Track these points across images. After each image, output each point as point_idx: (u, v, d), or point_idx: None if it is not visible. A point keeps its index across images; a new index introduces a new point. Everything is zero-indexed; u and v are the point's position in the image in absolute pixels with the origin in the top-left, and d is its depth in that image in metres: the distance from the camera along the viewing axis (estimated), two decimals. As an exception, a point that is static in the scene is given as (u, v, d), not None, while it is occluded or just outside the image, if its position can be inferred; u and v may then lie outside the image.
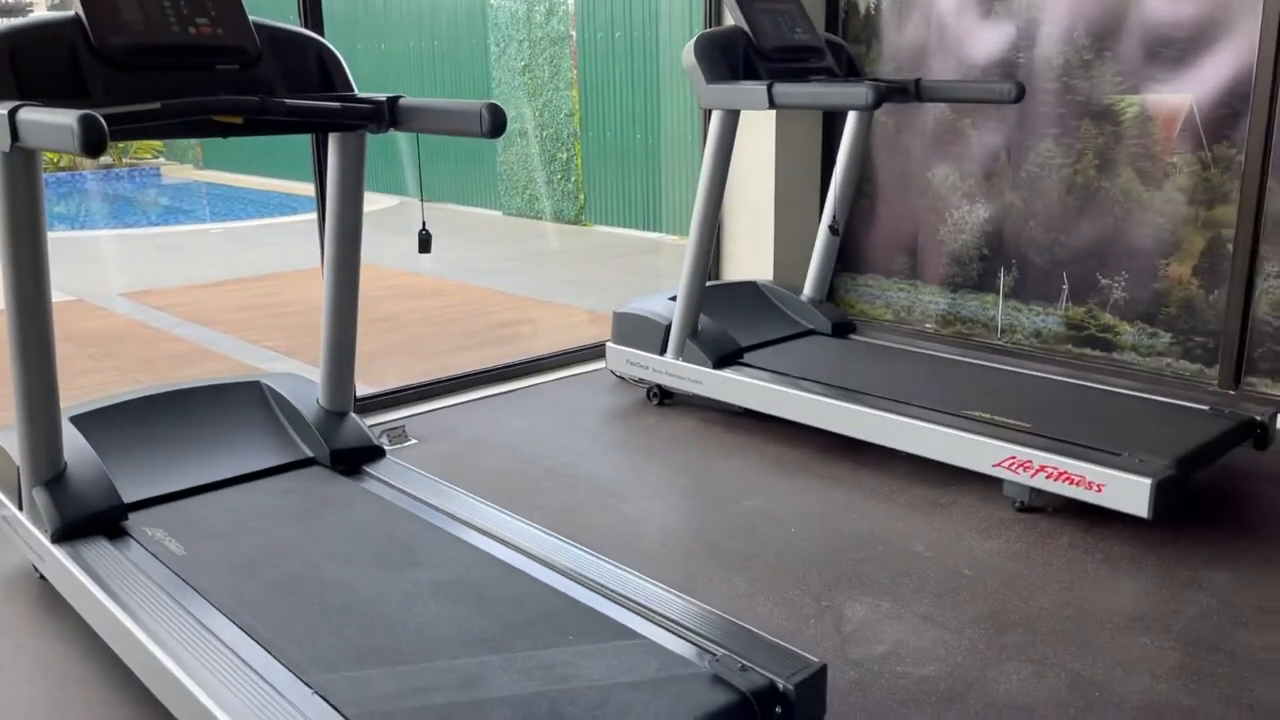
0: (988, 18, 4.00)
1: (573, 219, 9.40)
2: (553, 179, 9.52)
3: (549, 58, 9.26)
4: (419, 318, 5.82)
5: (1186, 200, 3.62)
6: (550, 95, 9.34)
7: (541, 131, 9.48)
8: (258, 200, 11.58)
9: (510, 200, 9.94)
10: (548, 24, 9.18)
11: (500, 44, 9.61)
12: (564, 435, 3.48)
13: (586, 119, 9.05)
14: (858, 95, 2.94)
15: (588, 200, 9.26)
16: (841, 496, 2.98)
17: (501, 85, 9.71)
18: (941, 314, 4.39)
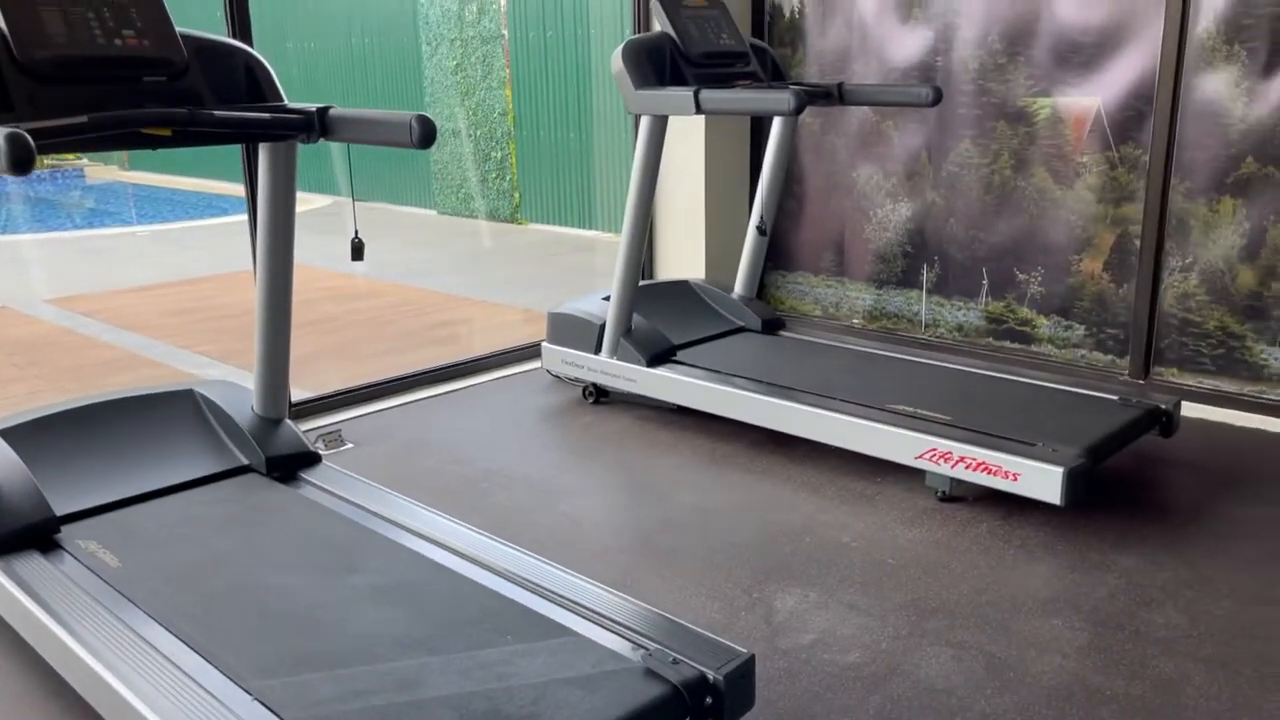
0: (907, 23, 4.13)
1: (508, 217, 9.41)
2: (487, 178, 9.52)
3: (481, 57, 9.25)
4: (355, 319, 5.80)
5: (1096, 199, 3.78)
6: (483, 94, 9.33)
7: (475, 130, 9.47)
8: (186, 201, 11.38)
9: (445, 199, 9.91)
10: (479, 23, 9.16)
11: (432, 43, 9.57)
12: (501, 435, 3.53)
13: (520, 118, 9.07)
14: (781, 102, 3.02)
15: (523, 199, 9.28)
16: (772, 490, 3.07)
17: (434, 84, 9.67)
18: (868, 309, 4.51)
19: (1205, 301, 3.61)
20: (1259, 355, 3.53)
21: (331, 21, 10.43)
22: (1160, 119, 3.57)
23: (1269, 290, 3.47)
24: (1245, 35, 3.37)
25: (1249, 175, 3.44)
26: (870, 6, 4.21)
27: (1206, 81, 3.47)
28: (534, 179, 9.11)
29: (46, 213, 11.41)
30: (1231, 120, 3.44)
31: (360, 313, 5.92)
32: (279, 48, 10.90)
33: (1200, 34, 3.45)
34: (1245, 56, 3.38)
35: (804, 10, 4.41)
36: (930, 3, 4.05)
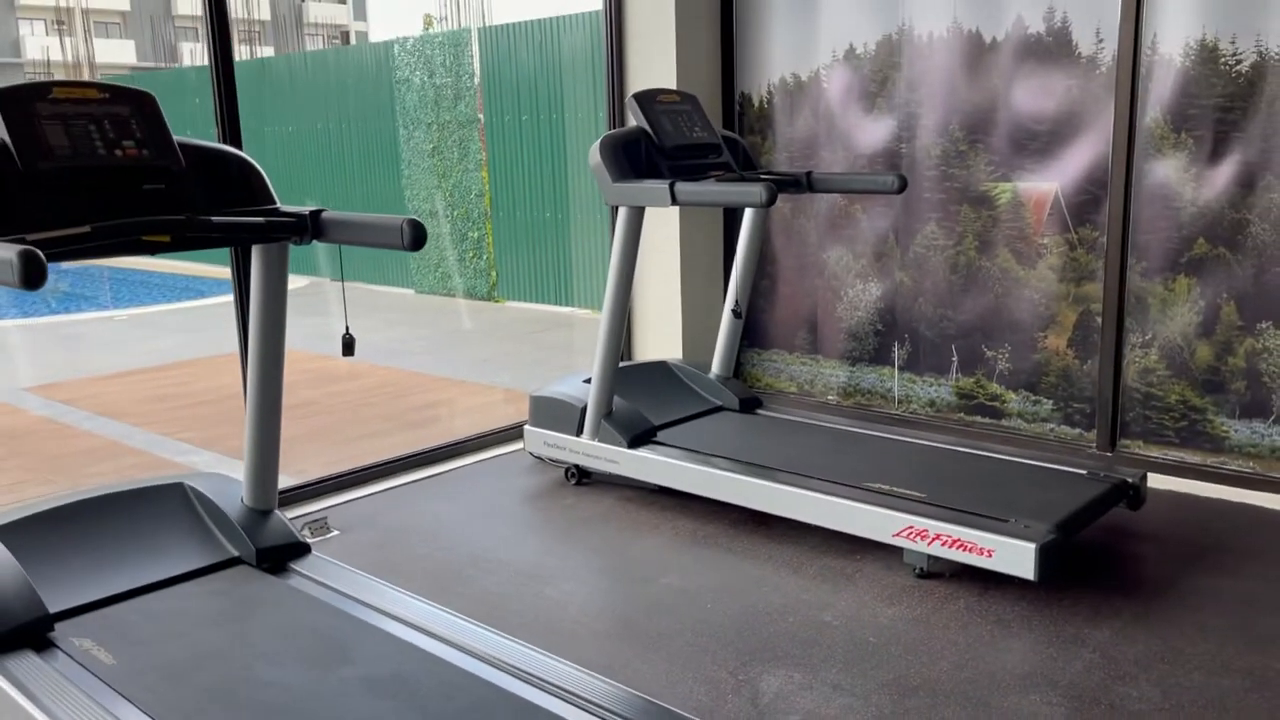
0: (871, 112, 4.31)
1: (486, 295, 9.52)
2: (465, 257, 9.65)
3: (458, 140, 9.45)
4: (336, 403, 5.85)
5: (1058, 278, 3.93)
6: (460, 176, 9.51)
7: (452, 211, 9.63)
8: (163, 284, 11.43)
9: (423, 279, 10.02)
10: (456, 107, 9.38)
11: (409, 127, 9.77)
12: (485, 520, 3.57)
13: (497, 198, 9.24)
14: (753, 194, 3.15)
15: (500, 277, 9.41)
16: (754, 570, 3.13)
17: (411, 167, 9.86)
18: (842, 386, 4.62)
19: (1166, 376, 3.74)
20: (1220, 427, 3.65)
21: (309, 106, 10.63)
22: (1115, 203, 3.74)
23: (1225, 365, 3.61)
24: (1191, 124, 3.55)
25: (1201, 255, 3.60)
26: (836, 96, 4.40)
27: (1157, 167, 3.65)
28: (510, 258, 9.25)
29: (23, 298, 11.42)
30: (1182, 204, 3.61)
31: (340, 396, 5.97)
32: (257, 131, 11.07)
33: (1149, 123, 3.64)
34: (1192, 144, 3.56)
35: (772, 100, 4.59)
36: (893, 93, 4.24)
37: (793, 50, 4.50)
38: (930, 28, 4.09)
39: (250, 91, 11.31)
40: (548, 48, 8.60)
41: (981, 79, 4.00)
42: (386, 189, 10.10)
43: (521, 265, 9.19)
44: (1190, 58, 3.52)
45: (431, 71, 9.55)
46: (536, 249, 9.03)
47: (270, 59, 17.98)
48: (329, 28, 35.24)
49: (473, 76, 9.25)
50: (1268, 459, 3.57)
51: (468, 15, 14.00)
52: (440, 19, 15.88)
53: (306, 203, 2.50)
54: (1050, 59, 3.82)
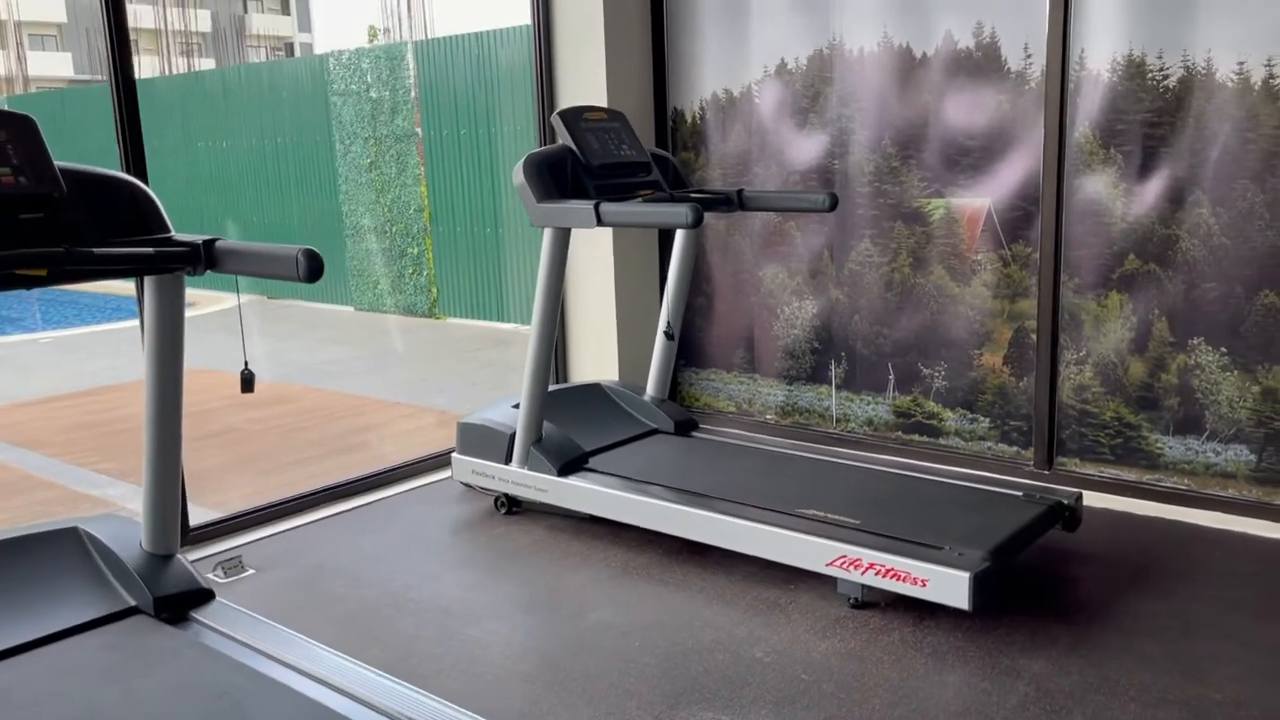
0: (804, 127, 4.25)
1: (426, 312, 9.36)
2: (404, 273, 9.48)
3: (395, 154, 9.28)
4: (263, 428, 5.66)
5: (992, 295, 3.89)
6: (398, 191, 9.35)
7: (391, 227, 9.46)
8: (91, 305, 11.10)
9: (362, 296, 9.83)
10: (393, 121, 9.22)
11: (345, 141, 9.59)
12: (409, 554, 3.44)
13: (436, 214, 9.09)
14: (679, 215, 3.06)
15: (440, 293, 9.26)
16: (685, 603, 3.03)
17: (348, 182, 9.67)
18: (780, 405, 4.55)
19: (1101, 393, 3.71)
20: (1154, 444, 3.63)
21: (243, 120, 10.39)
22: (1047, 218, 3.71)
23: (1159, 381, 3.58)
24: (1119, 140, 3.53)
25: (1133, 271, 3.58)
26: (768, 112, 4.33)
27: (1087, 183, 3.62)
28: (451, 274, 9.11)
29: (-58, 320, 11.03)
30: (1113, 219, 3.59)
31: (267, 421, 5.78)
32: (190, 147, 10.82)
33: (1078, 138, 3.61)
34: (1121, 160, 3.54)
35: (705, 116, 4.52)
36: (825, 108, 4.18)
37: (724, 65, 4.43)
38: (861, 42, 4.04)
39: (183, 106, 11.06)
40: (485, 61, 8.48)
41: (913, 94, 3.95)
42: (323, 204, 9.90)
43: (462, 281, 9.06)
44: (1118, 73, 3.50)
45: (368, 85, 9.38)
46: (477, 265, 8.90)
47: (204, 72, 17.65)
48: (273, 40, 34.76)
49: (410, 90, 9.10)
50: (1202, 476, 3.55)
51: (412, 28, 13.83)
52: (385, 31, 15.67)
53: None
54: (980, 74, 3.79)
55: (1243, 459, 3.46)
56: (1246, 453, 3.45)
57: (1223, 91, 3.32)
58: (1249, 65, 3.26)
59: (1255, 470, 3.45)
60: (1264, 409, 3.40)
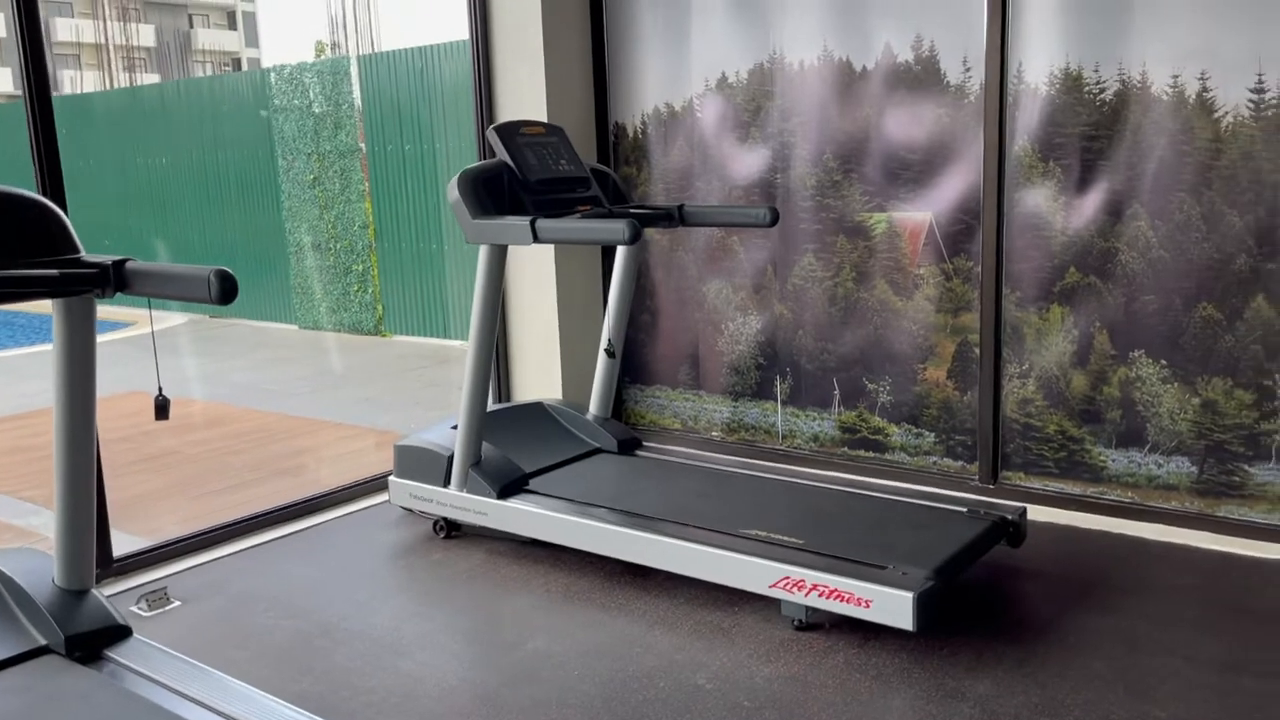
0: (745, 141, 4.21)
1: (372, 330, 9.21)
2: (349, 291, 9.32)
3: (339, 170, 9.14)
4: (200, 451, 5.50)
5: (935, 308, 3.87)
6: (343, 207, 9.20)
7: (335, 244, 9.30)
8: (27, 325, 10.79)
9: (306, 313, 9.65)
10: (336, 137, 9.08)
11: (288, 157, 9.42)
12: (344, 582, 3.32)
13: (381, 230, 8.96)
14: (617, 231, 3.00)
15: (386, 311, 9.11)
16: (627, 628, 2.95)
17: (291, 198, 9.50)
18: (726, 422, 4.49)
19: (1044, 406, 3.70)
20: (1098, 457, 3.62)
21: (182, 135, 10.18)
22: (988, 232, 3.70)
23: (1100, 394, 3.58)
24: (1058, 153, 3.53)
25: (1073, 284, 3.58)
26: (710, 126, 4.30)
27: (1027, 196, 3.62)
28: (397, 291, 8.97)
29: None
30: (1053, 233, 3.59)
31: (203, 444, 5.62)
32: (127, 163, 10.57)
33: (1018, 151, 3.61)
34: (1060, 173, 3.54)
35: (647, 131, 4.47)
36: (766, 122, 4.15)
37: (666, 79, 4.38)
38: (801, 56, 4.01)
39: (121, 121, 10.81)
40: (429, 75, 8.38)
41: (853, 108, 3.94)
42: (266, 221, 9.72)
43: (408, 298, 8.92)
44: (1055, 87, 3.51)
45: (310, 100, 9.23)
46: (423, 281, 8.77)
47: (141, 87, 17.32)
48: (219, 55, 34.26)
49: (353, 105, 8.97)
50: (1144, 488, 3.55)
51: (358, 42, 13.68)
52: (332, 46, 15.51)
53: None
54: (920, 88, 3.78)
55: (1184, 471, 3.47)
56: (1188, 465, 3.46)
57: (1158, 105, 3.34)
58: (1183, 79, 3.28)
59: (1196, 482, 3.45)
60: (1204, 421, 3.41)
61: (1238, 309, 3.30)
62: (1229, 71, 3.19)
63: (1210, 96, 3.24)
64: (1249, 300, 3.28)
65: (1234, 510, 3.39)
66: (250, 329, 9.82)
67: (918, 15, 3.74)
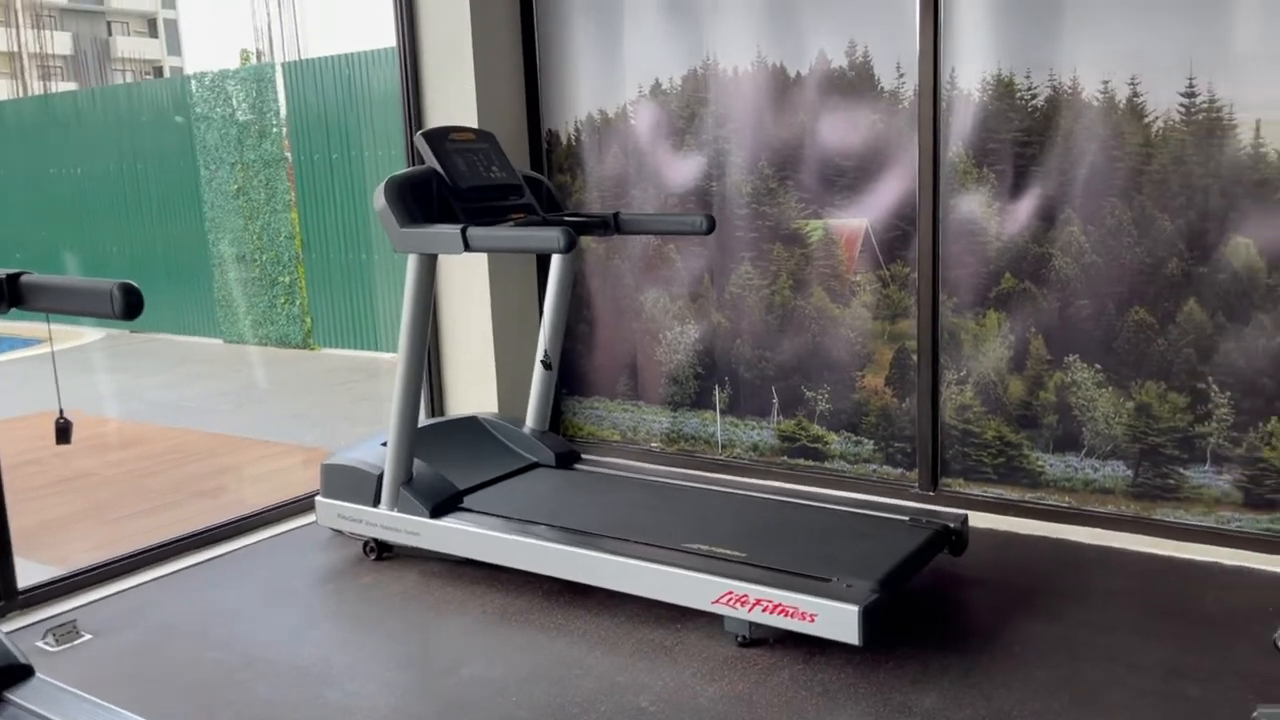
0: (680, 149, 4.16)
1: (300, 343, 8.97)
2: (276, 303, 9.08)
3: (265, 180, 8.90)
4: (117, 473, 5.27)
5: (872, 316, 3.85)
6: (268, 218, 8.96)
7: (261, 255, 9.05)
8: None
9: (231, 327, 9.38)
10: (260, 146, 8.84)
11: (211, 166, 9.16)
12: (270, 609, 3.18)
13: (309, 240, 8.75)
14: (551, 240, 2.91)
15: (315, 323, 8.89)
16: (567, 649, 2.85)
17: (214, 208, 9.23)
18: (665, 433, 4.42)
19: (982, 412, 3.69)
20: (1035, 462, 3.62)
21: (98, 144, 9.83)
22: (924, 238, 3.69)
23: (1037, 399, 3.59)
24: (992, 159, 3.53)
25: (1009, 290, 3.58)
26: (644, 133, 4.23)
27: (962, 202, 3.61)
28: (326, 302, 8.77)
29: None
30: (988, 238, 3.59)
31: (121, 465, 5.38)
32: (40, 174, 10.18)
33: (952, 158, 3.60)
34: (994, 179, 3.54)
35: (580, 138, 4.39)
36: (701, 129, 4.10)
37: (599, 85, 4.31)
38: (735, 62, 3.97)
39: (34, 131, 10.41)
40: (356, 83, 8.21)
41: (788, 114, 3.90)
42: (188, 232, 9.42)
43: (338, 310, 8.72)
44: (988, 92, 3.51)
45: (233, 108, 8.98)
46: (353, 292, 8.58)
47: (55, 95, 16.77)
48: (140, 63, 33.35)
49: (278, 113, 8.75)
50: (1082, 493, 3.56)
51: (284, 49, 13.40)
52: (257, 54, 15.17)
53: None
54: (854, 94, 3.76)
55: (1120, 474, 3.48)
56: (1123, 468, 3.47)
57: (1089, 110, 3.35)
58: (1114, 84, 3.29)
59: (1132, 485, 3.47)
60: (1138, 424, 3.43)
61: (1170, 313, 3.33)
62: (1159, 76, 3.22)
63: (1141, 101, 3.26)
64: (1181, 304, 3.30)
65: (1169, 513, 3.41)
66: (171, 343, 9.51)
67: (851, 21, 3.72)
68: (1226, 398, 3.27)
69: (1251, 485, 3.28)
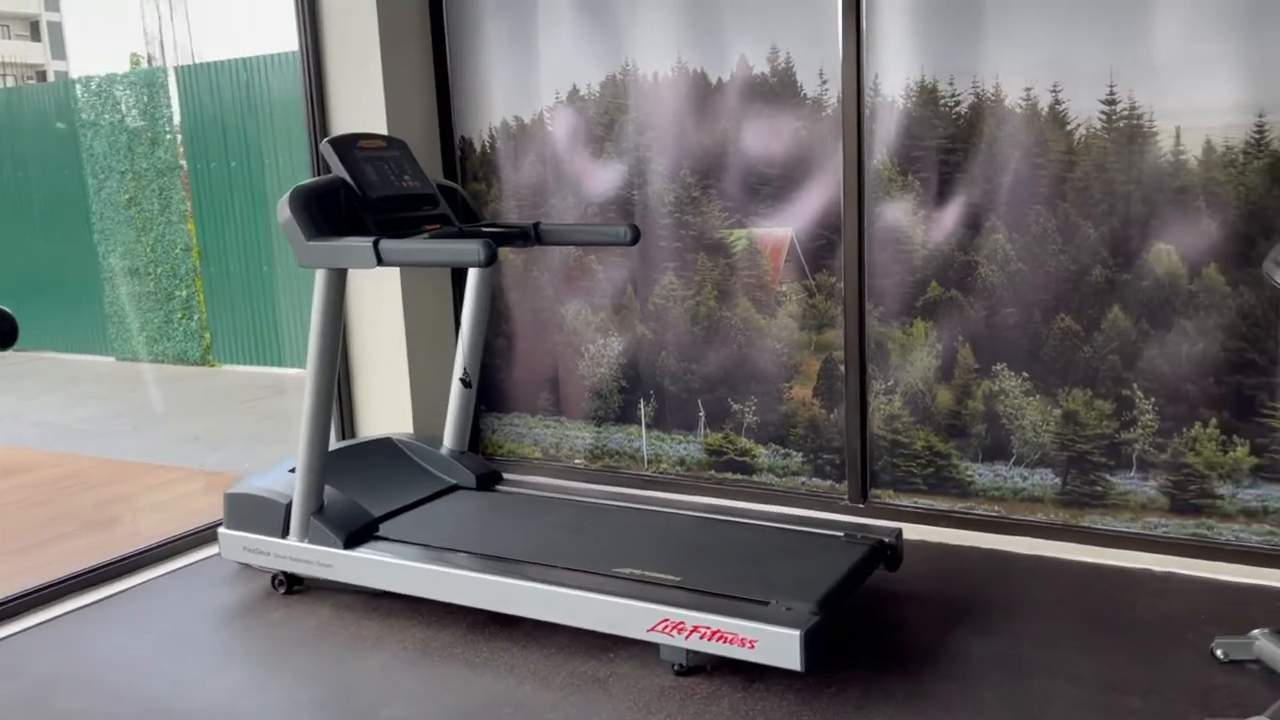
0: (600, 156, 4.03)
1: (199, 360, 8.58)
2: (173, 318, 8.67)
3: (158, 190, 8.49)
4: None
5: (799, 326, 3.78)
6: (163, 229, 8.55)
7: (155, 268, 8.63)
8: None
9: (124, 344, 8.92)
10: (153, 154, 8.44)
11: (99, 176, 8.70)
12: (169, 652, 2.94)
13: (206, 252, 8.37)
14: (470, 252, 2.76)
15: (214, 338, 8.51)
16: (493, 685, 2.70)
17: (103, 220, 8.77)
18: (589, 449, 4.29)
19: (911, 422, 3.65)
20: (965, 472, 3.60)
21: (-27, 153, 9.27)
22: (849, 247, 3.63)
23: (965, 408, 3.56)
24: (916, 166, 3.50)
25: (935, 299, 3.55)
26: (562, 140, 4.10)
27: (887, 210, 3.57)
28: (226, 317, 8.40)
29: None
30: (914, 246, 3.55)
31: (3, 495, 5.02)
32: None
33: (876, 165, 3.55)
34: (919, 186, 3.51)
35: (495, 145, 4.23)
36: (621, 136, 3.98)
37: (514, 91, 4.16)
38: (655, 67, 3.87)
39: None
40: (256, 88, 7.89)
41: (710, 122, 3.81)
42: (75, 245, 8.93)
43: (239, 325, 8.36)
44: (912, 99, 3.47)
45: (123, 115, 8.55)
46: (255, 306, 8.23)
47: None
48: (22, 67, 31.86)
49: (172, 120, 8.35)
50: (1011, 501, 3.54)
51: (177, 53, 12.87)
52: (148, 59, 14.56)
53: None
54: (777, 101, 3.69)
55: (1048, 483, 3.47)
56: (1052, 476, 3.47)
57: (1012, 117, 3.33)
58: (1036, 91, 3.28)
59: (1061, 493, 3.46)
60: (1066, 432, 3.42)
61: (1095, 320, 3.33)
62: (1081, 84, 3.21)
63: (1063, 109, 3.26)
64: (1105, 311, 3.31)
65: (1098, 520, 3.41)
66: (60, 362, 9.01)
67: (772, 27, 3.65)
68: (1151, 404, 3.29)
69: (1176, 490, 3.30)
